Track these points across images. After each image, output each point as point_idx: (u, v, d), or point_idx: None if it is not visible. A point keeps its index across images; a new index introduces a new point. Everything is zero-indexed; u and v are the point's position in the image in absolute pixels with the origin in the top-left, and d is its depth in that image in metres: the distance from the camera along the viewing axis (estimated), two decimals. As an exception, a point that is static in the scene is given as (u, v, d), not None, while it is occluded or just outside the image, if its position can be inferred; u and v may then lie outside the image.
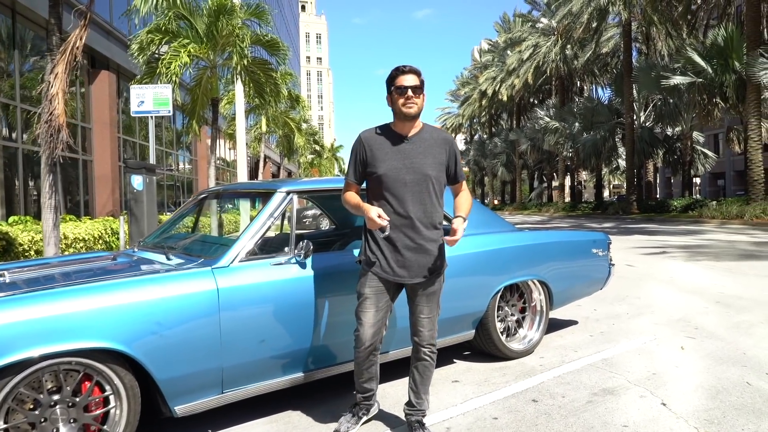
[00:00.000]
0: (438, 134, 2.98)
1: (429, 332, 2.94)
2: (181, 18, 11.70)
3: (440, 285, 2.97)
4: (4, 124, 11.68)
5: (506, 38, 44.22)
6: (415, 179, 2.84)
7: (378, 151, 2.88)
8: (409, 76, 2.82)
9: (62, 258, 3.60)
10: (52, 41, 5.34)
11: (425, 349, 2.95)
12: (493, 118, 56.73)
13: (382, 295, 2.93)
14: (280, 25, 55.07)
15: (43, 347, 2.44)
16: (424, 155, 2.87)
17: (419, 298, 2.93)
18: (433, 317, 2.95)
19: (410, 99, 2.81)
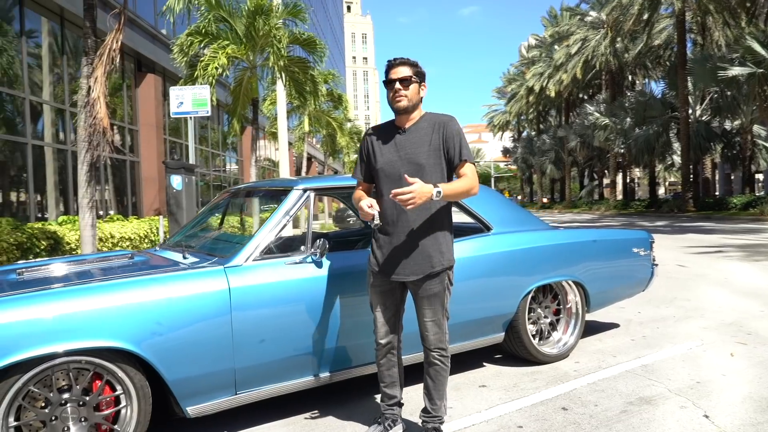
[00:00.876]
0: (434, 119, 2.79)
1: (434, 336, 2.79)
2: (221, 20, 11.83)
3: (443, 287, 2.77)
4: (59, 128, 12.10)
5: (553, 32, 43.23)
6: (409, 170, 2.68)
7: (377, 145, 2.80)
8: (399, 68, 2.70)
9: (81, 257, 3.62)
10: (88, 44, 5.42)
11: (434, 353, 2.80)
12: (540, 115, 55.57)
13: (388, 294, 2.83)
14: (325, 25, 55.52)
15: (51, 346, 2.42)
16: (418, 144, 2.73)
17: (421, 300, 2.78)
18: (438, 320, 2.79)
19: (398, 92, 2.69)
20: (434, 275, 2.74)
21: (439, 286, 2.77)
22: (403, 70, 2.70)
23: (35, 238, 7.82)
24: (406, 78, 2.69)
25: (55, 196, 11.76)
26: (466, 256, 3.65)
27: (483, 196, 4.02)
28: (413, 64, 2.75)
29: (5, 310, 2.39)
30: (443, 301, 2.80)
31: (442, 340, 2.81)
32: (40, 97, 11.20)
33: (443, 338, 2.81)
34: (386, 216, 2.74)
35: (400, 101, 2.70)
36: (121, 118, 14.03)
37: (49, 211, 11.62)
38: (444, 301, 2.80)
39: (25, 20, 10.70)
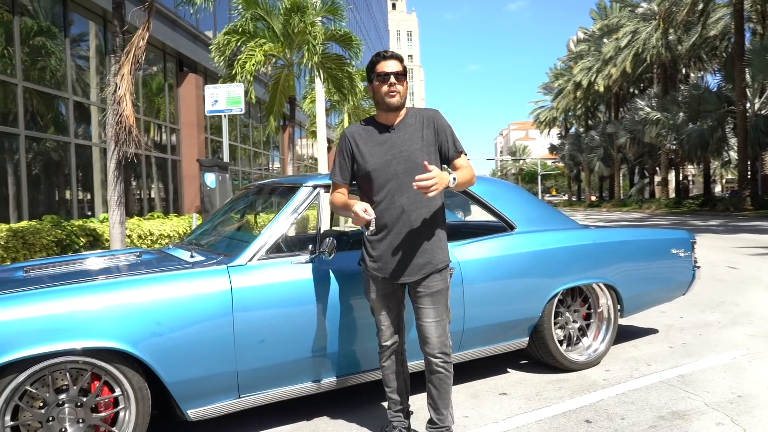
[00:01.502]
0: (422, 113, 2.70)
1: (438, 339, 2.63)
2: (258, 19, 11.90)
3: (446, 284, 2.66)
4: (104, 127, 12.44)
5: (602, 25, 41.91)
6: (407, 169, 2.57)
7: (364, 145, 2.65)
8: (391, 62, 2.59)
9: (90, 254, 3.61)
10: (116, 43, 5.47)
11: (437, 360, 2.64)
12: (589, 111, 54.08)
13: (390, 297, 2.71)
14: (369, 23, 55.60)
15: (45, 346, 2.38)
16: (411, 141, 2.62)
17: (422, 299, 2.63)
18: (441, 321, 2.64)
19: (393, 86, 2.57)
20: (438, 271, 2.63)
21: (443, 283, 2.64)
22: (397, 64, 2.60)
23: (75, 235, 8.00)
24: (401, 72, 2.59)
25: (101, 194, 12.07)
26: (486, 256, 3.48)
27: (506, 193, 3.84)
28: (402, 59, 2.68)
29: (2, 309, 2.36)
30: (446, 300, 2.67)
31: (446, 344, 2.65)
32: (84, 98, 11.50)
33: (447, 342, 2.66)
34: (384, 217, 2.61)
35: (394, 97, 2.59)
36: (163, 118, 14.31)
37: (96, 208, 11.95)
38: (447, 299, 2.67)
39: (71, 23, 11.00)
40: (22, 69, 9.43)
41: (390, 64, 2.59)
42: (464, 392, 3.54)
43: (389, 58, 2.61)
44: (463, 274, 3.35)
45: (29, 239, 7.08)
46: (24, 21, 9.73)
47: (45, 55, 10.35)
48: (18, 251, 6.84)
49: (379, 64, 2.60)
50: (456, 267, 3.29)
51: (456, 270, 3.28)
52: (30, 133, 9.61)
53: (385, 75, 2.58)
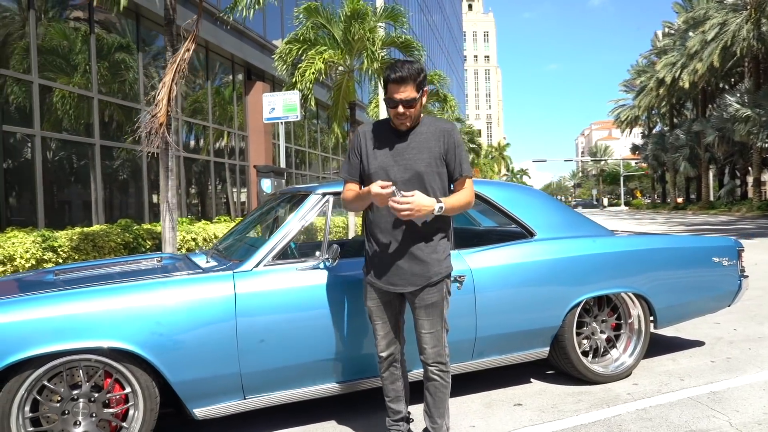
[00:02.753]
0: (437, 125, 2.63)
1: (433, 349, 2.62)
2: (319, 27, 12.17)
3: (441, 297, 2.62)
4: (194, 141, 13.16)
5: (687, 18, 39.69)
6: (408, 178, 2.54)
7: (373, 146, 2.63)
8: (402, 85, 2.44)
9: (116, 260, 3.84)
10: (167, 57, 5.79)
11: (432, 368, 2.63)
12: (674, 108, 51.36)
13: (387, 306, 2.70)
14: (442, 26, 55.43)
15: (59, 344, 2.58)
16: (418, 150, 2.56)
17: (418, 310, 2.62)
18: (437, 332, 2.62)
19: (401, 116, 2.49)
20: (432, 284, 2.59)
21: (438, 296, 2.61)
22: (408, 90, 2.45)
23: (141, 238, 8.51)
24: (410, 100, 2.46)
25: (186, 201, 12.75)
26: (501, 264, 3.43)
27: (526, 198, 3.77)
28: (417, 74, 2.46)
29: (20, 310, 2.58)
30: (442, 312, 2.64)
31: (442, 353, 2.64)
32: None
33: (442, 352, 2.64)
34: (381, 224, 2.61)
35: (403, 123, 2.54)
36: (232, 126, 14.93)
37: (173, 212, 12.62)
38: (443, 311, 2.64)
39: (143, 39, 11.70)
40: (97, 82, 10.13)
41: (400, 88, 2.44)
42: (479, 401, 3.50)
43: (400, 81, 2.43)
44: (475, 282, 3.32)
45: (99, 242, 7.60)
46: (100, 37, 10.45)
47: (119, 69, 11.07)
48: (88, 253, 7.36)
49: (390, 86, 2.47)
50: (467, 275, 3.28)
51: (467, 277, 3.28)
52: (105, 142, 10.30)
53: (392, 102, 2.48)
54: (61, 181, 9.74)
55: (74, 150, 9.89)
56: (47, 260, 6.73)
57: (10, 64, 8.62)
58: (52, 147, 9.47)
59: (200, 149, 13.78)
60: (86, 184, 10.14)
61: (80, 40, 10.03)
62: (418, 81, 2.47)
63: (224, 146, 14.73)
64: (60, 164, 9.71)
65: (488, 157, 69.81)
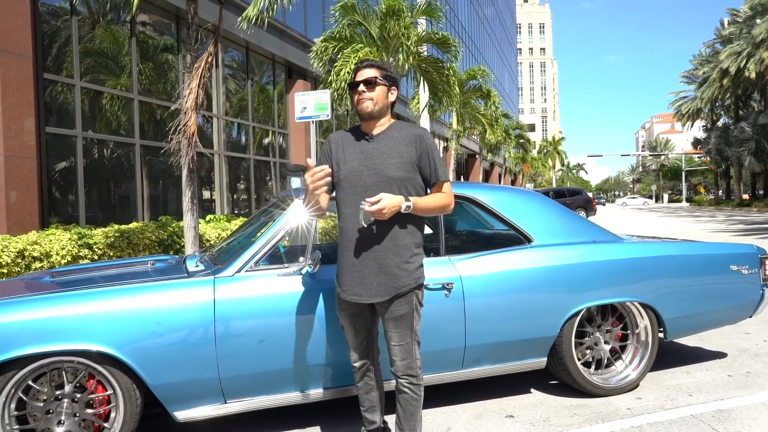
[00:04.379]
0: (408, 130, 2.60)
1: (403, 362, 2.57)
2: (356, 24, 12.19)
3: (411, 308, 2.55)
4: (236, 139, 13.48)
5: (754, 4, 37.64)
6: (376, 182, 2.49)
7: (341, 152, 2.61)
8: (365, 70, 2.56)
9: (110, 263, 3.94)
10: (187, 61, 5.91)
11: (402, 381, 2.58)
12: (739, 100, 48.86)
13: (357, 317, 2.66)
14: (494, 19, 54.59)
15: (41, 346, 2.67)
16: (388, 155, 2.52)
17: (387, 322, 2.57)
18: (406, 345, 2.56)
19: (362, 94, 2.53)
20: (401, 295, 2.54)
21: (406, 308, 2.55)
22: (368, 71, 2.57)
23: (176, 236, 8.75)
24: (370, 79, 2.54)
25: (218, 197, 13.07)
26: (493, 271, 3.34)
27: (524, 203, 3.66)
28: (380, 66, 2.60)
29: (5, 312, 2.68)
30: (412, 324, 2.58)
31: (412, 366, 2.58)
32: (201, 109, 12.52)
33: (413, 364, 2.59)
34: (347, 231, 2.57)
35: (363, 102, 2.54)
36: (273, 123, 15.15)
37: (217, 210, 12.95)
38: (413, 323, 2.58)
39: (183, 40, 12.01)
40: (138, 83, 10.47)
41: (363, 72, 2.56)
42: (471, 411, 3.43)
43: (363, 67, 2.58)
44: (465, 289, 3.24)
45: (133, 239, 7.85)
46: (141, 39, 10.79)
47: (161, 70, 11.41)
48: (123, 250, 7.62)
49: (355, 74, 2.60)
50: (456, 282, 3.21)
51: (456, 285, 3.21)
52: (144, 141, 10.65)
53: (355, 83, 2.56)
54: (102, 180, 10.14)
55: (116, 150, 10.26)
56: (83, 257, 7.01)
57: (53, 67, 9.01)
58: (94, 147, 9.86)
59: (243, 147, 14.06)
60: (128, 183, 10.51)
61: (122, 42, 10.39)
62: (381, 70, 2.58)
63: (266, 144, 14.98)
64: (101, 163, 10.10)
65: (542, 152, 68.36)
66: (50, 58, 8.95)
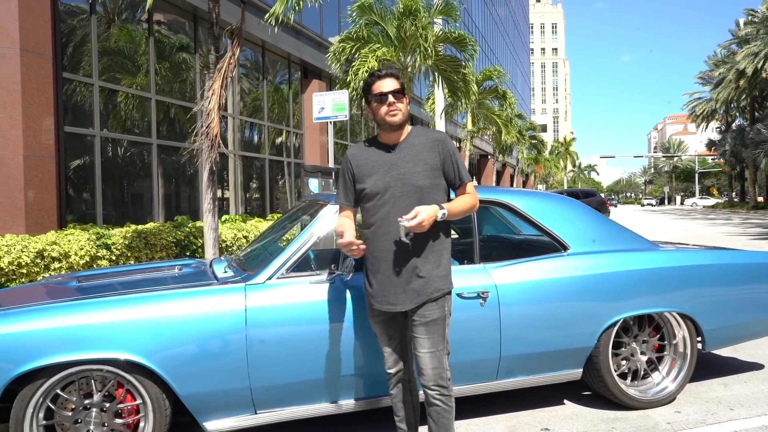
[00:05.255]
0: (428, 135, 2.60)
1: (433, 371, 2.49)
2: (373, 24, 12.11)
3: (442, 314, 2.51)
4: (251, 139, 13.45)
5: (772, 5, 37.21)
6: (404, 192, 2.48)
7: (365, 166, 2.58)
8: (387, 80, 2.51)
9: (138, 266, 3.88)
10: (210, 60, 5.85)
11: (432, 392, 2.50)
12: (755, 101, 48.31)
13: (391, 322, 2.63)
14: (507, 19, 54.35)
15: (69, 355, 2.60)
16: (413, 163, 2.50)
17: (417, 328, 2.51)
18: (438, 353, 2.51)
19: (393, 106, 2.48)
20: (433, 300, 2.50)
21: (438, 312, 2.51)
22: (392, 82, 2.52)
23: (192, 236, 8.71)
24: (399, 90, 2.52)
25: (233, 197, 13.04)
26: (528, 279, 3.24)
27: (560, 209, 3.56)
28: (398, 76, 2.59)
29: (32, 320, 2.62)
30: (443, 330, 2.54)
31: (443, 376, 2.51)
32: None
33: (444, 374, 2.52)
34: (380, 241, 2.52)
35: (395, 116, 2.51)
36: (288, 123, 15.11)
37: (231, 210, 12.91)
38: (444, 329, 2.54)
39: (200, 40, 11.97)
40: (155, 83, 10.45)
41: (386, 83, 2.51)
42: (503, 423, 3.33)
43: (384, 77, 2.53)
44: (500, 298, 3.15)
45: (151, 240, 7.82)
46: (159, 38, 10.77)
47: (178, 70, 11.38)
48: (140, 251, 7.58)
49: (375, 84, 2.53)
50: (491, 291, 3.13)
51: (491, 293, 3.12)
52: (161, 141, 10.62)
53: (382, 95, 2.51)
54: (119, 180, 10.12)
55: (132, 149, 10.24)
56: (101, 257, 6.98)
57: (72, 67, 8.99)
58: (111, 147, 9.84)
59: (257, 147, 14.03)
60: (144, 182, 10.49)
61: (139, 42, 10.36)
62: (399, 80, 2.55)
63: (280, 144, 14.93)
64: (119, 163, 10.08)
65: (554, 153, 67.96)
66: (69, 57, 8.94)
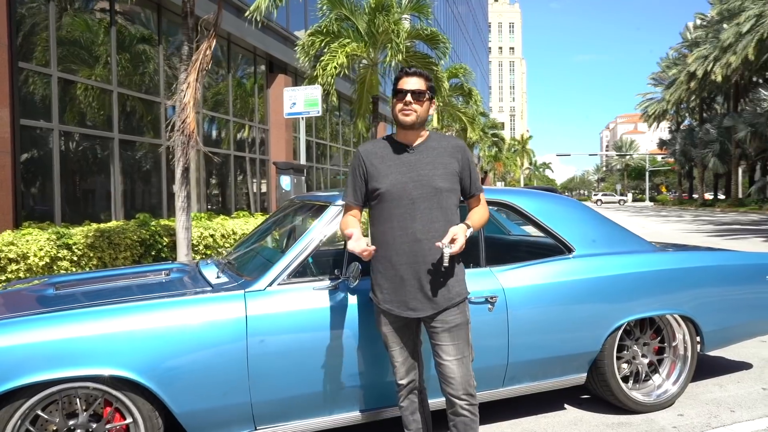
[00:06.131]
0: (448, 141, 2.52)
1: (462, 378, 2.39)
2: (343, 19, 11.89)
3: (464, 319, 2.42)
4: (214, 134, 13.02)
5: (721, 10, 38.52)
6: (423, 194, 2.38)
7: (380, 164, 2.45)
8: (413, 79, 2.43)
9: (122, 270, 3.61)
10: (184, 52, 5.56)
11: (461, 402, 2.39)
12: (704, 102, 50.11)
13: (404, 330, 2.50)
14: (467, 17, 54.75)
15: (52, 372, 2.36)
16: (433, 166, 2.41)
17: (440, 335, 2.40)
18: (464, 359, 2.40)
19: (408, 105, 2.39)
20: (453, 305, 2.40)
21: (461, 317, 2.42)
22: (418, 82, 2.43)
23: (158, 235, 8.33)
24: (420, 91, 2.40)
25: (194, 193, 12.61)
26: (536, 283, 3.14)
27: (564, 210, 3.47)
28: (428, 77, 2.48)
29: (8, 334, 2.36)
30: (467, 335, 2.44)
31: (471, 384, 2.41)
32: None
33: (472, 382, 2.42)
34: (396, 245, 2.40)
35: (408, 115, 2.41)
36: (253, 119, 14.74)
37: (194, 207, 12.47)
38: (468, 335, 2.44)
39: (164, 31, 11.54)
40: (117, 75, 9.98)
41: (411, 81, 2.42)
42: (508, 431, 3.23)
43: (411, 75, 2.44)
44: (508, 303, 3.04)
45: (114, 239, 7.43)
46: (121, 29, 10.29)
47: (139, 62, 10.91)
48: (104, 250, 7.19)
49: (401, 80, 2.45)
50: (500, 295, 3.01)
51: (500, 298, 3.01)
52: (123, 136, 10.17)
53: (402, 92, 2.40)
54: (78, 176, 9.64)
55: (93, 144, 9.77)
56: (62, 258, 6.59)
57: (29, 56, 8.49)
58: (71, 141, 9.35)
59: (220, 142, 13.62)
60: (104, 178, 10.02)
61: (100, 32, 9.88)
62: (428, 81, 2.46)
63: (245, 139, 14.54)
64: (78, 158, 9.59)
65: (511, 150, 68.94)
66: (25, 46, 8.43)
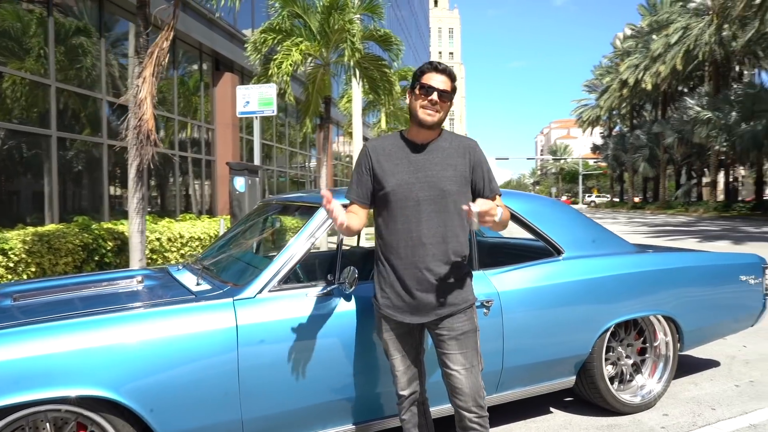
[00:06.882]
0: (459, 141, 2.38)
1: (472, 389, 2.27)
2: (295, 16, 11.62)
3: (472, 326, 2.31)
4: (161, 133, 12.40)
5: (651, 21, 40.35)
6: (430, 196, 2.25)
7: (387, 162, 2.31)
8: (443, 77, 2.26)
9: (87, 277, 3.30)
10: (139, 44, 5.22)
11: (471, 415, 2.28)
12: (635, 109, 52.42)
13: (406, 337, 2.37)
14: (410, 21, 55.15)
15: (19, 395, 2.09)
16: (442, 167, 2.28)
17: (447, 343, 2.28)
18: (474, 369, 2.29)
19: (434, 104, 2.23)
20: (461, 312, 2.28)
21: (469, 324, 2.30)
22: (447, 81, 2.26)
23: (102, 239, 7.85)
24: (447, 92, 2.25)
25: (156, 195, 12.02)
26: (530, 286, 3.08)
27: (553, 212, 3.42)
28: (455, 77, 2.32)
29: (-31, 352, 2.08)
30: (476, 344, 2.32)
31: (481, 395, 2.30)
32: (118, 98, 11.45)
33: (482, 392, 2.30)
34: (399, 248, 2.27)
35: (431, 116, 2.25)
36: (198, 117, 14.22)
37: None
38: (477, 343, 2.33)
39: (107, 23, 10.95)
40: (55, 69, 9.37)
41: (440, 78, 2.25)
42: (501, 438, 3.15)
43: (441, 72, 2.26)
44: (503, 307, 2.95)
45: (55, 244, 6.93)
46: (59, 20, 9.68)
47: (79, 55, 10.29)
48: (43, 256, 6.70)
49: (427, 74, 2.26)
50: (495, 299, 2.92)
51: (495, 302, 2.92)
52: (62, 134, 9.55)
53: (429, 88, 2.24)
54: (11, 176, 8.97)
55: (27, 142, 9.12)
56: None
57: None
58: (2, 138, 8.69)
59: (162, 142, 13.05)
60: (39, 178, 9.38)
61: (35, 23, 9.24)
62: (453, 82, 2.31)
63: (189, 139, 13.99)
64: (10, 157, 8.93)
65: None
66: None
